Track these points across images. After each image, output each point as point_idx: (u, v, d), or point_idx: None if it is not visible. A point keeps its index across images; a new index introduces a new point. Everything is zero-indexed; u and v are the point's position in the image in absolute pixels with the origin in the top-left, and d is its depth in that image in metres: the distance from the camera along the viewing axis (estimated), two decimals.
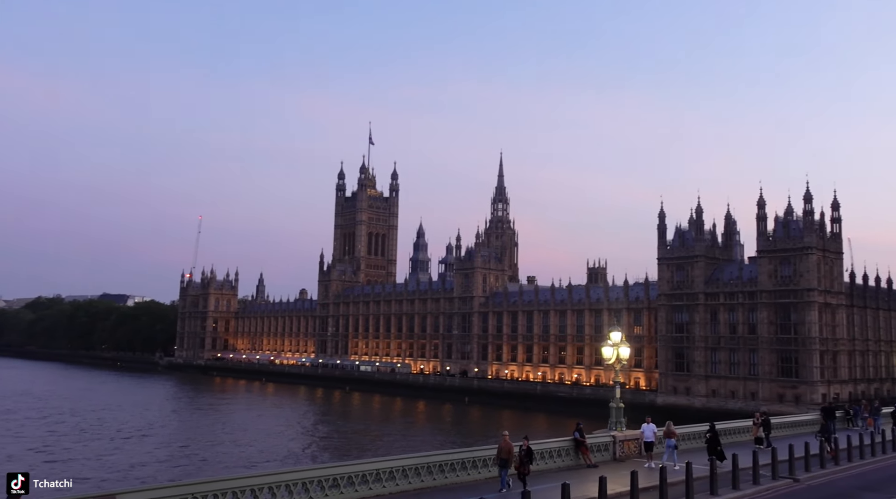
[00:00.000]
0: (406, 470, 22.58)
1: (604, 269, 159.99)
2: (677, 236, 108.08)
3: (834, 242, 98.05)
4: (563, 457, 25.16)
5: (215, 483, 18.24)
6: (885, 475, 27.39)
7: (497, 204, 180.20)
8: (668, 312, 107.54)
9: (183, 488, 17.18)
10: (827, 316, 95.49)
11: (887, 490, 23.97)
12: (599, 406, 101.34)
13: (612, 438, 26.76)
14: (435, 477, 23.19)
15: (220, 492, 17.93)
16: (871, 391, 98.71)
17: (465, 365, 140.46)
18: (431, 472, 23.05)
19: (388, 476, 22.17)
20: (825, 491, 23.97)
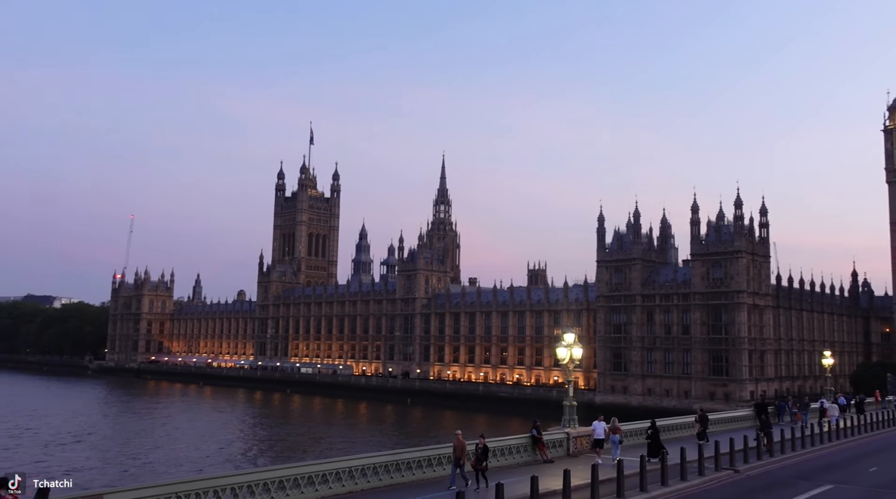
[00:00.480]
0: (364, 469, 23.05)
1: (544, 271, 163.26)
2: (616, 240, 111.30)
3: (762, 245, 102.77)
4: (521, 453, 26.25)
5: (196, 483, 18.46)
6: (816, 465, 29.60)
7: (439, 206, 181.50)
8: (606, 314, 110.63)
9: (166, 488, 17.37)
10: (755, 317, 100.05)
11: (818, 478, 25.97)
12: (540, 406, 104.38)
13: (566, 434, 28.03)
14: (392, 476, 23.74)
15: (201, 491, 18.17)
16: (795, 388, 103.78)
17: (408, 366, 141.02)
18: (389, 471, 23.56)
19: (346, 475, 22.60)
20: (763, 480, 25.81)
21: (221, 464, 64.51)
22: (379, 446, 76.30)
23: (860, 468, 29.13)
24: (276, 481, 21.04)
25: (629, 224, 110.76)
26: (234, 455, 70.98)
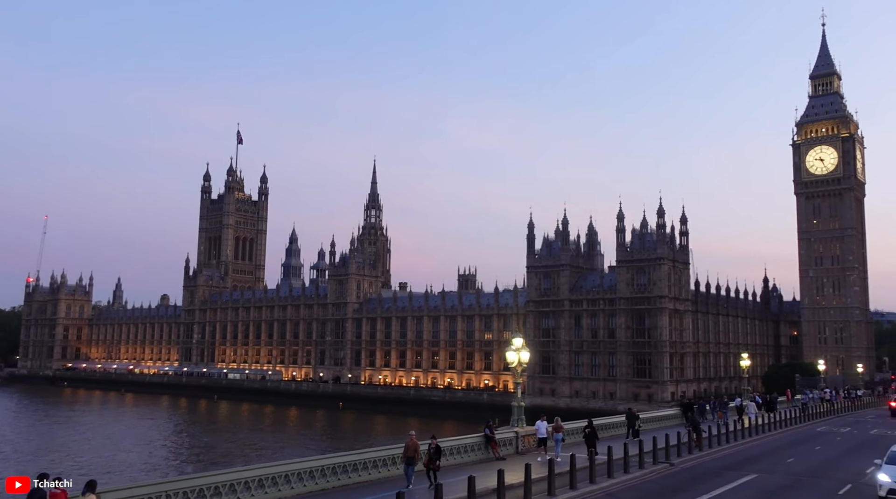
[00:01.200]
0: (324, 469, 23.85)
1: (474, 275, 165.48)
2: (545, 246, 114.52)
3: (682, 253, 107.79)
4: (475, 451, 27.79)
5: (163, 485, 18.91)
6: (740, 457, 32.42)
7: (370, 210, 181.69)
8: (536, 318, 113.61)
9: (158, 487, 17.76)
10: (676, 321, 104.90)
11: (744, 469, 28.74)
12: (471, 409, 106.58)
13: (515, 433, 29.73)
14: (350, 476, 24.65)
15: (172, 492, 18.62)
16: (712, 389, 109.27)
17: (339, 371, 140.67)
18: (347, 471, 24.42)
19: (307, 476, 23.29)
20: (696, 471, 28.27)
21: (147, 472, 63.05)
22: (312, 451, 76.23)
23: (779, 459, 31.99)
24: (243, 481, 21.66)
25: (558, 231, 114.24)
26: (159, 463, 69.31)
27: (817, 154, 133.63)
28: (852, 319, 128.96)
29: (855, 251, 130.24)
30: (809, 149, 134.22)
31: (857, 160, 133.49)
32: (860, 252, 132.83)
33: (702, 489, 24.81)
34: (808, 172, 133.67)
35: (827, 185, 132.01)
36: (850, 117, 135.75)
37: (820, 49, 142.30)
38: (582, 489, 23.11)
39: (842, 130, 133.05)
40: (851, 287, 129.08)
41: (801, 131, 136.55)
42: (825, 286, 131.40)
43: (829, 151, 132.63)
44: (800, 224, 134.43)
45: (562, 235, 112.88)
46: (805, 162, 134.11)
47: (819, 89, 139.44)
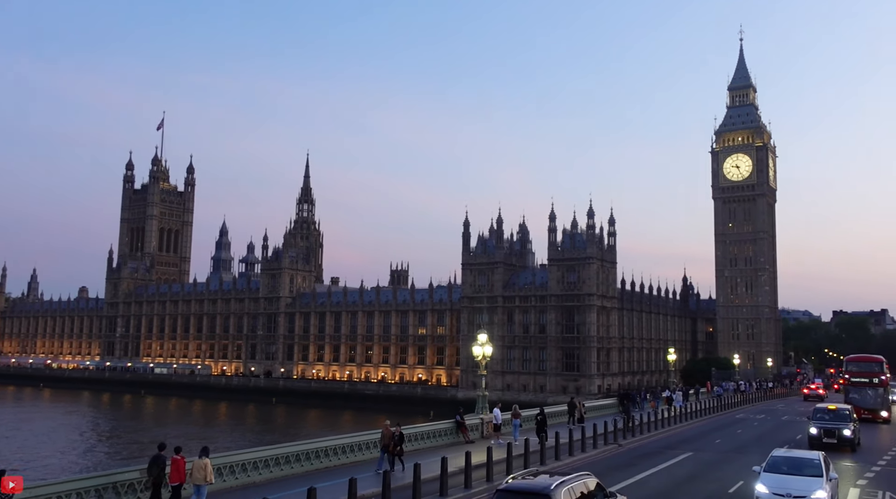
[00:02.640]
0: (299, 454, 25.25)
1: (406, 271, 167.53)
2: (480, 244, 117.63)
3: (610, 252, 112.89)
4: (447, 436, 30.45)
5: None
6: (676, 439, 36.32)
7: (303, 204, 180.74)
8: (469, 314, 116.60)
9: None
10: (603, 317, 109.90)
11: (681, 448, 32.77)
12: (405, 403, 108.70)
13: (480, 420, 32.30)
14: (322, 460, 26.22)
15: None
16: (635, 382, 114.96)
17: (270, 366, 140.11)
18: (319, 456, 25.98)
19: (284, 460, 24.59)
20: (641, 451, 31.70)
21: (67, 468, 61.48)
22: (247, 444, 76.34)
23: (708, 440, 36.05)
24: (227, 466, 22.84)
25: (492, 230, 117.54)
26: (78, 459, 67.48)
27: (734, 161, 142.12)
28: (762, 316, 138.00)
29: (766, 253, 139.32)
30: (727, 156, 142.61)
31: (769, 168, 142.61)
32: (770, 254, 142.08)
33: (650, 464, 28.41)
34: (725, 179, 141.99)
35: (742, 191, 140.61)
36: (763, 128, 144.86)
37: (738, 62, 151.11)
38: (550, 465, 25.82)
39: (756, 139, 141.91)
40: (762, 287, 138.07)
41: (720, 139, 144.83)
42: (738, 286, 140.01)
43: (745, 159, 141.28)
44: (717, 227, 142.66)
45: (496, 233, 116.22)
46: (723, 169, 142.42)
47: (736, 100, 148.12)
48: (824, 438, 32.18)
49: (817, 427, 32.92)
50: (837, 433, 32.30)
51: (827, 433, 32.43)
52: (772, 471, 19.90)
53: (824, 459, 20.29)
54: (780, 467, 20.03)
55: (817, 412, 34.75)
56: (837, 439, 32.24)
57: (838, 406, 35.66)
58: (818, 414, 34.44)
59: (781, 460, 20.61)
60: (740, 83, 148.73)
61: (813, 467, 19.77)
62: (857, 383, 50.22)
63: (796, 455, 21.32)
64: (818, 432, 32.58)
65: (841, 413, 34.18)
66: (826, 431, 32.52)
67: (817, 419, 33.83)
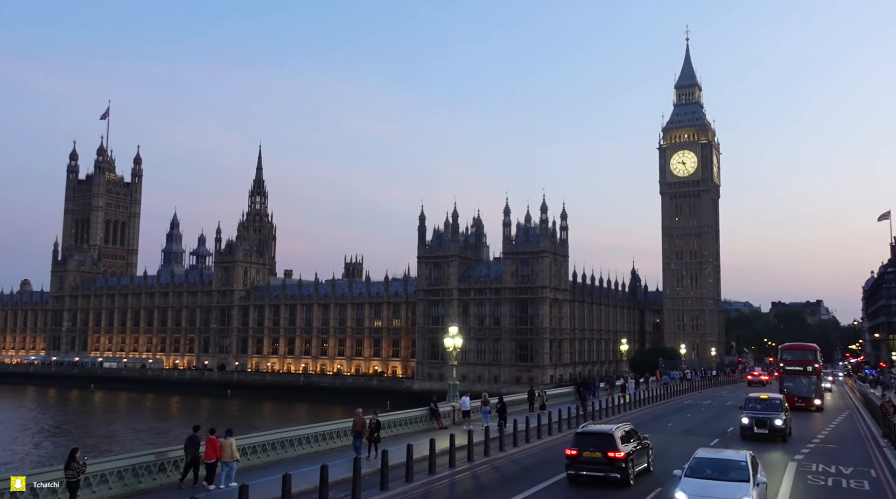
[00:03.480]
0: (275, 443, 26.38)
1: (360, 264, 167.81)
2: (435, 237, 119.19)
3: (562, 246, 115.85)
4: (422, 422, 32.24)
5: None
6: (633, 423, 38.19)
7: (255, 197, 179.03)
8: (425, 306, 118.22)
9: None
10: (555, 309, 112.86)
11: (649, 427, 35.25)
12: (361, 394, 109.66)
13: (452, 408, 34.18)
14: (296, 449, 27.36)
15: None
16: (586, 372, 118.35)
17: (224, 359, 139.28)
18: (293, 444, 27.11)
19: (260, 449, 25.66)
20: None
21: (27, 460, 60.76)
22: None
23: (661, 423, 38.64)
24: None
25: (447, 223, 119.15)
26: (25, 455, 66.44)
27: (680, 158, 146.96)
28: (706, 308, 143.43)
29: (710, 247, 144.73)
30: (673, 153, 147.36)
31: (713, 165, 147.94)
32: (714, 248, 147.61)
33: None
34: (671, 174, 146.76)
35: (688, 186, 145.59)
36: (708, 125, 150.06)
37: (684, 62, 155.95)
38: (522, 447, 27.76)
39: (701, 137, 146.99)
40: (706, 279, 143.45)
41: (667, 136, 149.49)
42: (684, 278, 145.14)
43: (690, 156, 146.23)
44: (664, 221, 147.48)
45: (451, 227, 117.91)
46: (669, 165, 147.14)
47: (682, 99, 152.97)
48: (756, 428, 32.18)
49: (749, 417, 32.81)
50: (769, 423, 32.11)
51: (758, 423, 32.25)
52: (694, 475, 17.80)
53: (752, 460, 18.42)
54: (704, 470, 18.05)
55: (749, 402, 34.45)
56: (769, 429, 32.12)
57: (770, 396, 35.28)
58: (750, 404, 34.19)
59: (706, 463, 18.51)
60: (686, 82, 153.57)
61: (739, 469, 17.83)
62: (791, 372, 50.08)
63: (722, 457, 18.99)
64: (750, 422, 32.53)
65: (772, 403, 33.93)
66: (758, 421, 32.33)
67: (749, 409, 33.58)
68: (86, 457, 18.40)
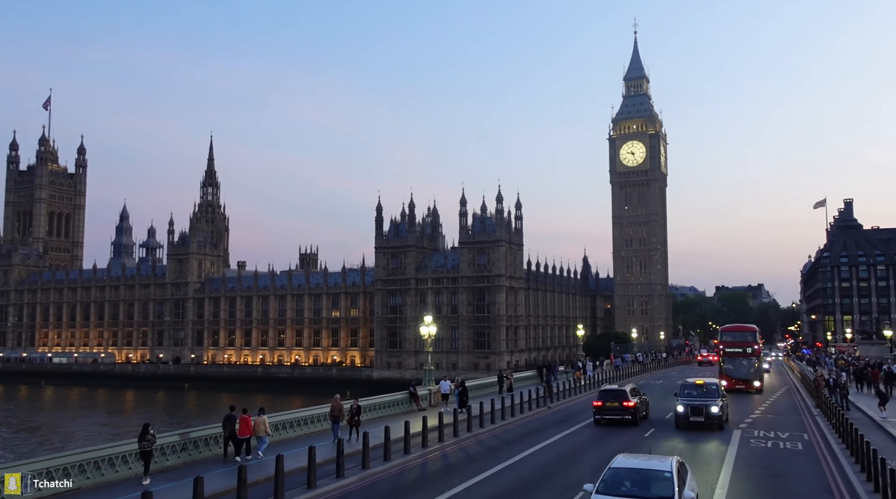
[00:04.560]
0: None
1: (315, 254, 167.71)
2: (392, 228, 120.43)
3: (517, 235, 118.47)
4: (402, 405, 34.35)
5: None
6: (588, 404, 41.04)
7: (207, 188, 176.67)
8: (383, 296, 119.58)
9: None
10: (511, 297, 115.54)
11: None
12: (320, 384, 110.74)
13: (428, 391, 36.14)
14: (280, 433, 28.69)
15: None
16: (540, 357, 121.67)
17: (179, 352, 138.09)
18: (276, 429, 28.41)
19: None
20: (567, 412, 37.00)
21: None
22: (160, 427, 75.96)
23: None
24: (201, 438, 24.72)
25: (404, 214, 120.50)
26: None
27: (629, 148, 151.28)
28: (655, 293, 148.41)
29: (658, 234, 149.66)
30: (623, 143, 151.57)
31: (661, 155, 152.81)
32: (662, 235, 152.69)
33: (578, 420, 33.95)
34: (621, 164, 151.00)
35: (637, 176, 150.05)
36: (656, 116, 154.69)
37: (632, 55, 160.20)
38: (499, 423, 29.91)
39: (649, 127, 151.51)
40: (655, 266, 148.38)
41: (617, 127, 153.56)
42: (633, 265, 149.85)
43: (639, 146, 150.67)
44: (614, 210, 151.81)
45: (408, 217, 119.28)
46: (619, 155, 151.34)
47: (631, 90, 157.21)
48: (691, 416, 30.64)
49: (684, 405, 31.00)
50: (705, 411, 30.39)
51: (694, 411, 30.62)
52: (609, 492, 14.82)
53: (679, 470, 15.49)
54: (621, 484, 15.06)
55: (685, 388, 32.71)
56: (705, 417, 30.42)
57: (706, 381, 33.53)
58: (686, 390, 32.48)
59: (623, 474, 15.44)
60: (634, 74, 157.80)
61: (663, 482, 14.91)
62: (731, 354, 49.46)
63: (644, 466, 15.89)
64: (685, 409, 30.80)
65: (709, 388, 32.31)
66: (693, 408, 30.66)
67: (685, 396, 31.81)
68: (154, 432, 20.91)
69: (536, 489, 20.07)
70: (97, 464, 19.92)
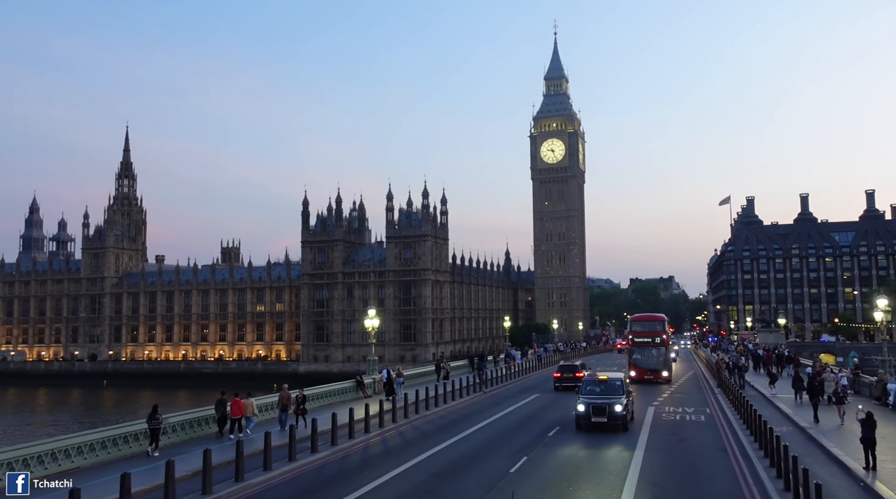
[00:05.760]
0: (203, 419, 28.62)
1: (237, 248, 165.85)
2: (319, 222, 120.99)
3: (443, 230, 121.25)
4: (350, 393, 36.27)
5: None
6: (523, 387, 45.51)
7: (123, 179, 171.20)
8: (310, 290, 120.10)
9: None
10: (437, 290, 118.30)
11: (530, 392, 41.83)
12: (246, 379, 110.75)
13: (373, 380, 38.47)
14: None
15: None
16: (465, 349, 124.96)
17: (96, 349, 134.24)
18: None
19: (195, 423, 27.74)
20: (502, 395, 40.02)
21: None
22: (80, 426, 75.15)
23: (547, 387, 44.94)
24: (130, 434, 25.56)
25: (330, 208, 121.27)
26: None
27: (549, 146, 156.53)
28: (573, 286, 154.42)
29: (576, 229, 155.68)
30: (543, 141, 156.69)
31: (579, 152, 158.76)
32: (580, 230, 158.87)
33: (513, 402, 37.17)
34: (541, 161, 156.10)
35: (556, 172, 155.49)
36: (574, 115, 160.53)
37: (552, 55, 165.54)
38: (442, 406, 32.31)
39: (568, 126, 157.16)
40: (573, 259, 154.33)
41: (538, 125, 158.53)
42: (553, 258, 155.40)
43: (559, 144, 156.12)
44: (535, 205, 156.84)
45: (335, 212, 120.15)
46: (540, 152, 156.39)
47: (552, 90, 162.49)
48: (593, 416, 27.04)
49: (585, 403, 27.42)
50: (608, 410, 26.98)
51: (596, 411, 27.01)
52: None
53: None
54: None
55: (587, 384, 29.27)
56: (608, 418, 27.00)
57: (609, 376, 29.98)
58: (588, 386, 29.01)
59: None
60: (554, 74, 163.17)
61: None
62: (640, 343, 48.40)
63: None
64: (586, 409, 27.17)
65: (613, 384, 28.73)
66: (595, 408, 27.05)
67: (586, 393, 28.32)
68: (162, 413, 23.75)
69: (485, 455, 23.34)
70: (115, 441, 22.82)
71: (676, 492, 18.41)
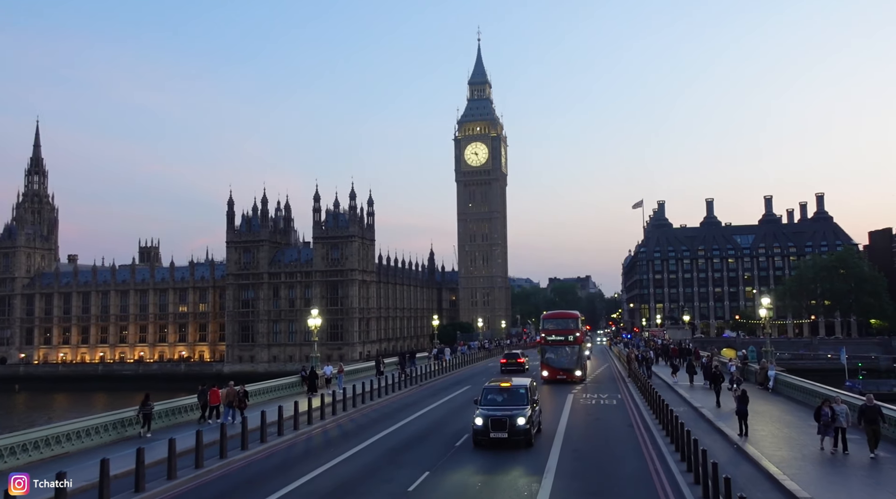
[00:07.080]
0: (134, 418, 29.84)
1: (157, 248, 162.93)
2: (244, 222, 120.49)
3: (369, 230, 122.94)
4: (295, 387, 37.84)
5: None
6: (455, 381, 48.21)
7: (33, 176, 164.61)
8: (235, 290, 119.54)
9: None
10: (363, 290, 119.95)
11: (462, 384, 44.71)
12: (168, 380, 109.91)
13: (324, 374, 40.35)
14: (163, 420, 31.00)
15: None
16: (390, 348, 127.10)
17: (6, 352, 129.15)
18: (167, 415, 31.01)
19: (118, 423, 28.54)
20: (435, 388, 42.80)
21: None
22: None
23: (477, 379, 47.92)
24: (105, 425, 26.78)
25: (255, 208, 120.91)
26: None
27: (473, 149, 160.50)
28: (496, 285, 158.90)
29: (499, 230, 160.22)
30: (467, 144, 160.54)
31: (502, 156, 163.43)
32: (503, 231, 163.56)
33: (447, 393, 40.14)
34: (465, 164, 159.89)
35: (480, 175, 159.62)
36: (497, 120, 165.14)
37: (476, 60, 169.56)
38: (380, 399, 34.79)
39: (491, 130, 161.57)
40: (496, 260, 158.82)
41: (462, 129, 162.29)
42: (477, 259, 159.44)
43: (482, 148, 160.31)
44: (459, 207, 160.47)
45: (261, 212, 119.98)
46: (464, 155, 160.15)
47: (475, 94, 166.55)
48: (492, 431, 23.19)
49: (483, 416, 23.55)
50: (509, 424, 23.10)
51: (496, 425, 23.18)
52: None
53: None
54: None
55: (487, 393, 25.30)
56: (509, 433, 23.15)
57: (513, 383, 25.93)
58: (488, 395, 25.14)
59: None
60: (478, 79, 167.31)
61: None
62: (553, 342, 46.17)
63: None
64: (484, 423, 23.33)
65: (516, 393, 24.90)
66: (494, 421, 23.21)
67: (486, 404, 24.56)
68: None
69: (429, 435, 26.78)
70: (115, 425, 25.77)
71: (592, 455, 22.12)
